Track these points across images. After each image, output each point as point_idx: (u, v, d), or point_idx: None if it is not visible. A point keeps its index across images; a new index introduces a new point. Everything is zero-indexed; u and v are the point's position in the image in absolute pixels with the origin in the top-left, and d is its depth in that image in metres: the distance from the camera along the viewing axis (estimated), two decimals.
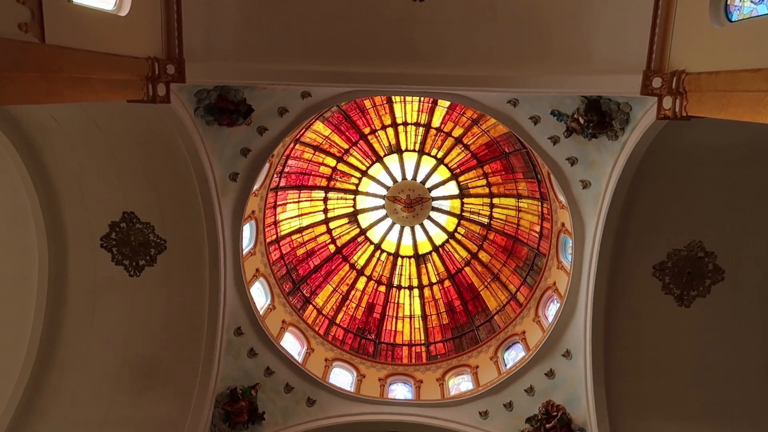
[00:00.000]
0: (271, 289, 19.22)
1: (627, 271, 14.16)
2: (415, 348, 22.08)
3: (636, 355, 14.55)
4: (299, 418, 16.49)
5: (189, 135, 13.21)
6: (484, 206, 22.34)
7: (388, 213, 22.78)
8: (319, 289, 22.49)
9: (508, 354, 18.83)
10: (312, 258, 22.60)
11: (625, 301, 14.38)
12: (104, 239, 14.49)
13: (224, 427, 15.18)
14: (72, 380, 14.59)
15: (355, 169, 22.36)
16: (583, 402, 15.06)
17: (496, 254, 22.30)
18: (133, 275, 14.77)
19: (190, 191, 14.07)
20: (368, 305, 23.01)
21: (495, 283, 22.04)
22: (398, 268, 23.38)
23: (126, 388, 14.68)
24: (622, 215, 13.61)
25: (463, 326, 22.12)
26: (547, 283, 18.53)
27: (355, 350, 21.11)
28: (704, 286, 14.08)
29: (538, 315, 18.33)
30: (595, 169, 13.92)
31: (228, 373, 15.63)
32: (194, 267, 14.81)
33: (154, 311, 14.89)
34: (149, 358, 14.86)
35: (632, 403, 14.53)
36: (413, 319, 22.82)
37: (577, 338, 15.32)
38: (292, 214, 21.93)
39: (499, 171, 21.61)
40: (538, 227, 20.56)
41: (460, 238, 22.92)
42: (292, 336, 19.20)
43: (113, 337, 14.84)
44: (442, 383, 19.08)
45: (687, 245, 13.81)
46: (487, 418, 16.53)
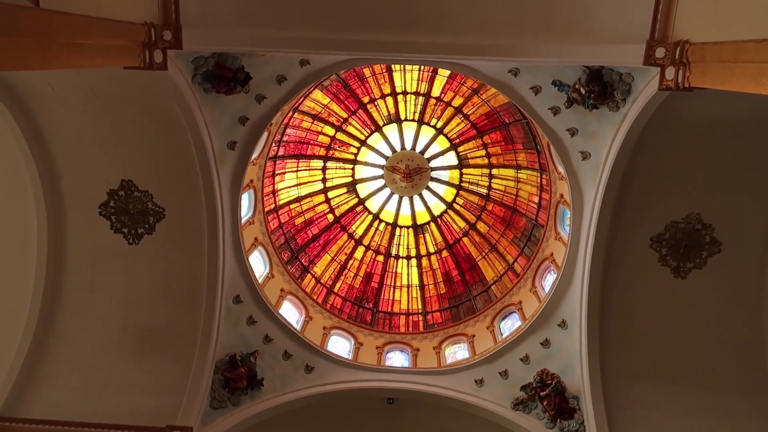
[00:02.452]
0: (269, 257, 19.30)
1: (624, 242, 14.22)
2: (412, 317, 22.29)
3: (631, 326, 14.71)
4: (297, 385, 16.71)
5: (187, 103, 13.10)
6: (483, 177, 22.31)
7: (387, 183, 22.75)
8: (318, 258, 22.59)
9: (505, 323, 19.03)
10: (310, 227, 22.64)
11: (621, 273, 14.47)
12: (103, 207, 14.49)
13: (224, 393, 15.38)
14: (73, 347, 14.76)
15: (354, 139, 22.24)
16: (577, 371, 15.27)
17: (494, 225, 22.36)
18: (132, 243, 14.81)
19: (188, 159, 14.02)
20: (366, 274, 23.15)
21: (493, 253, 22.14)
22: (396, 238, 23.46)
23: (127, 355, 14.86)
24: (621, 187, 13.61)
25: (460, 296, 22.31)
26: (544, 254, 18.63)
27: (353, 319, 21.32)
28: (701, 258, 14.17)
29: (535, 285, 18.48)
30: (595, 140, 13.85)
31: (227, 340, 15.79)
32: (193, 235, 14.85)
33: (154, 279, 14.98)
34: (149, 325, 15.00)
35: (626, 372, 14.74)
36: (411, 288, 22.99)
37: (572, 308, 15.47)
38: (291, 184, 21.89)
39: (499, 141, 21.51)
40: (536, 198, 20.56)
41: (458, 209, 22.95)
42: (290, 304, 19.37)
43: (113, 304, 14.96)
44: (439, 351, 19.33)
45: (685, 217, 13.85)
46: (482, 386, 16.76)
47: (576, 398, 15.19)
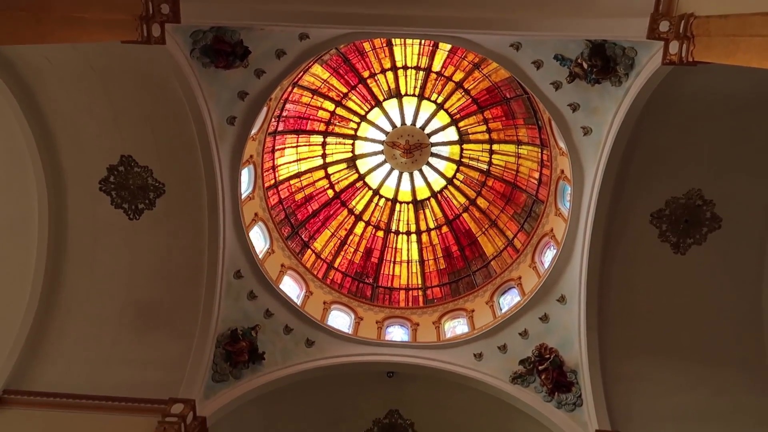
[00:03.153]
0: (269, 233, 19.34)
1: (624, 218, 14.24)
2: (412, 292, 22.44)
3: (629, 301, 14.82)
4: (298, 358, 16.89)
5: (185, 77, 12.99)
6: (483, 152, 22.23)
7: (387, 158, 22.68)
8: (318, 233, 22.64)
9: (504, 299, 19.16)
10: (310, 203, 22.64)
11: (621, 248, 14.53)
12: (103, 183, 14.48)
13: (225, 366, 15.55)
14: (75, 321, 14.88)
15: (354, 114, 22.10)
16: (575, 345, 15.42)
17: (495, 201, 22.35)
18: (133, 219, 14.84)
19: (187, 135, 13.96)
20: (366, 250, 23.23)
21: (492, 229, 22.18)
22: (396, 214, 23.49)
23: (129, 329, 14.99)
24: (622, 162, 13.58)
25: (459, 271, 22.41)
26: (544, 229, 18.67)
27: (353, 294, 21.45)
28: (701, 234, 14.21)
29: (535, 261, 18.55)
30: (597, 115, 13.77)
31: (228, 315, 15.91)
32: (193, 210, 14.86)
33: (155, 254, 15.04)
34: (151, 300, 15.11)
35: (624, 346, 14.89)
36: (411, 263, 23.09)
37: (572, 284, 15.55)
38: (291, 159, 21.83)
39: (500, 117, 21.38)
40: (537, 174, 20.52)
41: (458, 185, 22.92)
42: (291, 279, 19.47)
43: (115, 279, 15.05)
44: (438, 326, 19.49)
45: (686, 193, 13.85)
46: (481, 360, 16.95)
47: (574, 372, 15.35)
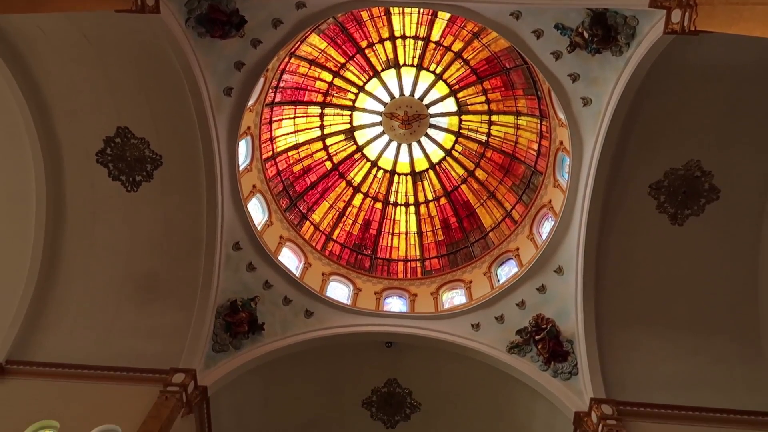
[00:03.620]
0: (268, 205, 19.34)
1: (623, 189, 14.24)
2: (410, 263, 22.55)
3: (626, 272, 14.92)
4: (297, 329, 17.05)
5: (180, 47, 12.84)
6: (482, 123, 22.09)
7: (385, 130, 22.56)
8: (316, 205, 22.63)
9: (502, 270, 19.27)
10: (308, 175, 22.58)
11: (618, 220, 14.56)
12: (100, 155, 14.41)
13: (225, 337, 15.70)
14: (76, 293, 14.98)
15: (352, 85, 21.89)
16: (572, 316, 15.56)
17: (493, 172, 22.30)
18: (131, 191, 14.81)
19: (184, 106, 13.85)
20: (365, 222, 23.27)
21: (491, 200, 22.19)
22: (395, 185, 23.45)
23: (130, 301, 15.10)
24: (622, 133, 13.52)
25: (457, 243, 22.49)
26: (542, 201, 18.68)
27: (352, 265, 21.56)
28: (699, 206, 14.23)
29: (533, 232, 18.61)
30: (597, 86, 13.66)
31: (228, 286, 16.00)
32: (191, 182, 14.83)
33: (154, 226, 15.06)
34: (151, 272, 15.18)
35: (620, 316, 15.04)
36: (409, 235, 23.15)
37: (569, 255, 15.63)
38: (288, 131, 21.69)
39: (499, 87, 21.19)
40: (536, 145, 20.44)
41: (457, 156, 22.84)
42: (289, 251, 19.54)
43: (114, 250, 15.09)
44: (436, 297, 19.65)
45: (684, 164, 13.82)
46: (478, 330, 17.12)
47: (570, 342, 15.52)
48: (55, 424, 12.47)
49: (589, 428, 13.59)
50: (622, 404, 13.83)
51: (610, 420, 13.25)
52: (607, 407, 13.63)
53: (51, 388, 13.43)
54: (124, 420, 12.48)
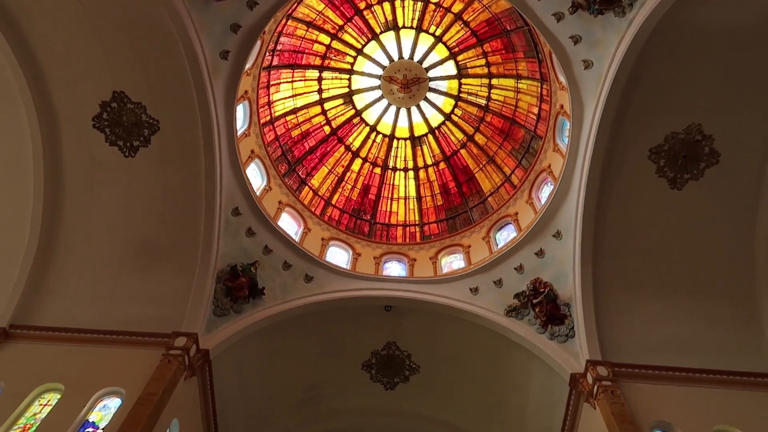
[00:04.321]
0: (266, 170, 19.27)
1: (623, 153, 14.18)
2: (409, 228, 22.61)
3: (624, 236, 14.97)
4: (297, 293, 17.21)
5: (175, 9, 12.59)
6: (482, 87, 21.84)
7: (384, 94, 22.33)
8: (315, 170, 22.56)
9: (500, 234, 19.34)
10: (307, 139, 22.43)
11: (618, 184, 14.55)
12: (96, 119, 14.27)
13: (226, 301, 15.84)
14: (77, 258, 15.04)
15: (350, 48, 21.56)
16: (570, 280, 15.69)
17: (493, 136, 22.17)
18: (129, 156, 14.72)
19: (180, 69, 13.65)
20: (363, 187, 23.23)
21: (490, 165, 22.11)
22: (394, 150, 23.34)
23: (130, 266, 15.17)
24: (623, 97, 13.39)
25: (456, 208, 22.51)
26: (542, 165, 18.62)
27: (351, 230, 21.63)
28: (698, 170, 14.20)
29: (532, 197, 18.61)
30: (598, 48, 13.46)
31: (228, 252, 16.08)
32: (189, 147, 14.73)
33: (152, 191, 15.02)
34: (151, 238, 15.21)
35: (617, 280, 15.16)
36: (408, 200, 23.16)
37: (568, 219, 15.66)
38: (286, 95, 21.45)
39: (499, 50, 20.87)
40: (536, 109, 20.26)
41: (456, 120, 22.66)
42: (288, 216, 19.56)
43: (113, 216, 15.09)
44: (435, 261, 19.77)
45: (685, 128, 13.73)
46: (477, 294, 17.29)
47: (567, 305, 15.69)
48: (60, 386, 12.65)
49: (585, 389, 13.84)
50: (617, 366, 14.06)
51: (605, 381, 13.49)
52: (602, 369, 13.85)
53: (55, 352, 13.59)
54: (128, 383, 12.66)
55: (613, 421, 12.35)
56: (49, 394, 12.64)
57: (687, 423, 12.64)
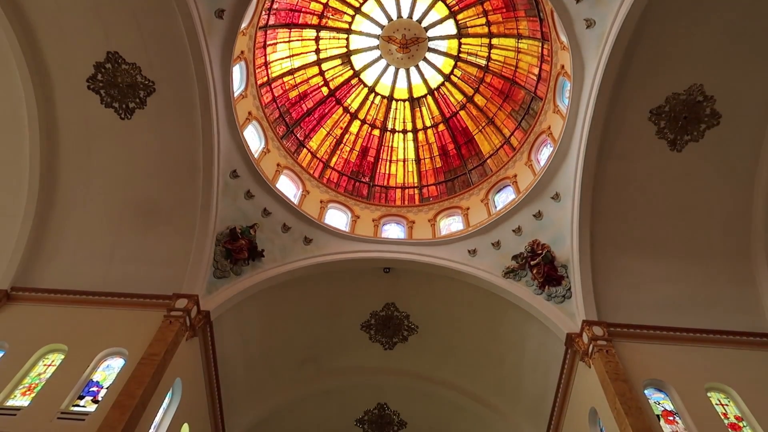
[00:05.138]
0: (264, 132, 19.13)
1: (623, 115, 14.06)
2: (408, 190, 22.59)
3: (623, 198, 14.98)
4: (297, 255, 17.32)
5: None
6: (482, 47, 21.50)
7: (383, 54, 21.99)
8: (313, 132, 22.39)
9: (499, 196, 19.34)
10: (305, 101, 22.19)
11: (617, 146, 14.47)
12: (91, 81, 14.07)
13: (226, 263, 15.94)
14: (76, 221, 15.06)
15: (348, 6, 21.12)
16: (567, 241, 15.77)
17: (492, 98, 21.94)
18: (125, 118, 14.58)
19: (174, 29, 13.39)
20: (362, 149, 23.11)
21: (489, 127, 21.95)
22: (392, 112, 23.13)
23: (129, 228, 15.20)
24: (625, 57, 13.19)
25: (455, 170, 22.45)
26: (541, 127, 18.49)
27: (350, 192, 21.62)
28: (699, 131, 14.10)
29: (531, 159, 18.54)
30: (601, 6, 13.18)
31: (226, 214, 16.10)
32: (185, 109, 14.58)
33: (150, 154, 14.94)
34: (149, 200, 15.19)
35: (614, 241, 15.24)
36: (407, 162, 23.07)
37: (567, 181, 15.65)
38: (283, 55, 21.12)
39: (500, 8, 20.47)
40: (536, 69, 20.00)
41: (456, 81, 22.39)
42: (287, 179, 19.52)
43: (111, 179, 15.05)
44: (434, 224, 19.83)
45: (687, 89, 13.57)
46: (475, 256, 17.41)
47: (564, 267, 15.81)
48: (63, 347, 12.83)
49: (580, 348, 14.07)
50: (613, 325, 14.26)
51: (600, 341, 13.70)
52: (598, 329, 14.05)
53: (57, 313, 13.74)
54: (131, 343, 12.83)
55: (607, 379, 12.60)
56: (53, 355, 12.82)
57: (679, 381, 12.89)
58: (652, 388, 12.99)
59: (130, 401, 11.09)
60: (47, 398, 11.44)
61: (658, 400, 12.75)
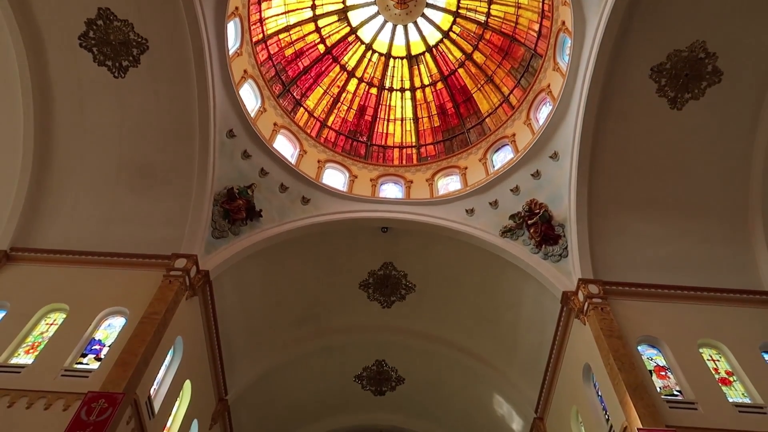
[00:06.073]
0: (260, 91, 18.88)
1: (624, 72, 13.87)
2: (406, 150, 22.46)
3: (621, 157, 14.91)
4: (295, 215, 17.35)
5: None
6: (481, 3, 21.03)
7: (380, 10, 21.53)
8: (310, 91, 22.10)
9: (497, 156, 19.26)
10: (301, 59, 21.83)
11: (617, 104, 14.31)
12: (82, 38, 13.79)
13: (224, 224, 15.97)
14: (73, 182, 15.01)
15: None
16: (565, 201, 15.78)
17: (492, 55, 21.59)
18: (118, 76, 14.35)
19: None
20: (360, 108, 22.87)
21: (488, 85, 21.67)
22: (390, 70, 22.79)
23: (126, 189, 15.15)
24: (627, 12, 12.91)
25: (453, 129, 22.28)
26: (541, 85, 18.27)
27: (347, 152, 21.50)
28: (699, 89, 13.93)
29: (530, 118, 18.38)
30: None
31: (224, 174, 16.03)
32: (180, 67, 14.34)
33: (145, 113, 14.76)
34: (146, 159, 15.10)
35: (611, 201, 15.25)
36: (404, 121, 22.87)
37: (565, 140, 15.55)
38: (278, 11, 20.66)
39: None
40: (536, 26, 19.61)
41: (454, 38, 21.99)
42: (284, 138, 19.37)
43: (107, 139, 14.92)
44: (432, 183, 19.80)
45: (689, 45, 13.33)
46: (473, 215, 17.45)
47: (561, 226, 15.86)
48: (65, 306, 12.96)
49: (576, 306, 14.25)
50: (608, 284, 14.41)
51: (595, 298, 13.86)
52: (593, 287, 14.20)
53: (57, 274, 13.82)
54: (131, 303, 12.96)
55: (602, 336, 12.80)
56: (55, 314, 12.97)
57: (672, 337, 13.12)
58: (645, 345, 13.24)
59: (133, 359, 11.28)
60: (51, 356, 11.63)
61: (651, 356, 13.00)
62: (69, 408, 10.41)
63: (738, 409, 11.47)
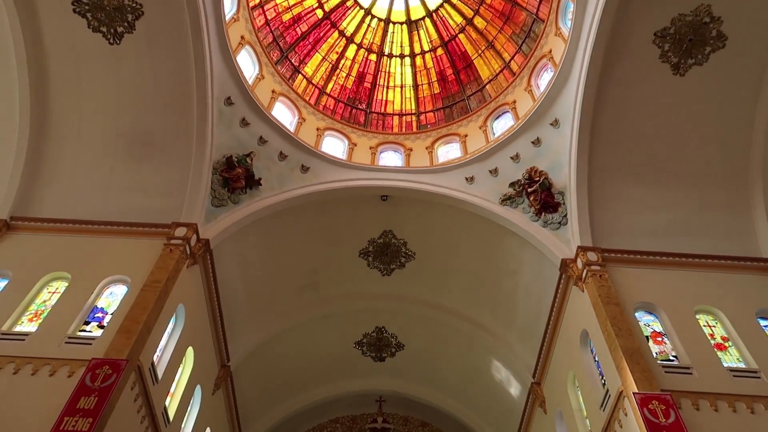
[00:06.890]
0: (258, 57, 18.63)
1: (627, 37, 13.64)
2: (405, 117, 22.29)
3: (623, 124, 14.79)
4: (294, 184, 17.31)
5: None
6: None
7: None
8: (308, 57, 21.80)
9: (497, 123, 19.12)
10: (299, 24, 21.47)
11: (619, 70, 14.12)
12: (76, 4, 13.52)
13: (224, 192, 15.95)
14: (70, 150, 14.92)
15: None
16: (565, 169, 15.72)
17: (493, 20, 21.23)
18: (113, 43, 14.12)
19: None
20: (359, 75, 22.60)
21: (489, 51, 21.37)
22: (389, 36, 22.44)
23: (124, 158, 15.07)
24: None
25: (454, 96, 22.06)
26: (542, 51, 18.01)
27: (346, 120, 21.34)
28: (703, 54, 13.72)
29: (531, 84, 18.18)
30: None
31: (222, 142, 15.93)
32: (175, 33, 14.09)
33: (141, 81, 14.58)
34: (143, 128, 14.98)
35: (612, 168, 15.19)
36: (404, 88, 22.63)
37: (566, 107, 15.41)
38: None
39: None
40: None
41: (455, 2, 21.59)
42: (282, 106, 19.19)
43: (104, 107, 14.76)
44: (431, 151, 19.70)
45: (694, 9, 13.08)
46: (473, 183, 17.41)
47: (561, 194, 15.84)
48: (67, 275, 13.03)
49: (574, 273, 14.34)
50: (607, 251, 14.48)
51: (594, 266, 13.95)
52: (592, 254, 14.27)
53: (58, 242, 13.85)
54: (133, 271, 13.03)
55: (599, 303, 12.92)
56: (57, 283, 13.06)
57: (669, 304, 13.24)
58: (642, 311, 13.36)
59: (135, 326, 11.41)
60: (54, 324, 11.75)
61: (648, 322, 13.14)
62: (73, 374, 10.58)
63: (732, 373, 11.63)
